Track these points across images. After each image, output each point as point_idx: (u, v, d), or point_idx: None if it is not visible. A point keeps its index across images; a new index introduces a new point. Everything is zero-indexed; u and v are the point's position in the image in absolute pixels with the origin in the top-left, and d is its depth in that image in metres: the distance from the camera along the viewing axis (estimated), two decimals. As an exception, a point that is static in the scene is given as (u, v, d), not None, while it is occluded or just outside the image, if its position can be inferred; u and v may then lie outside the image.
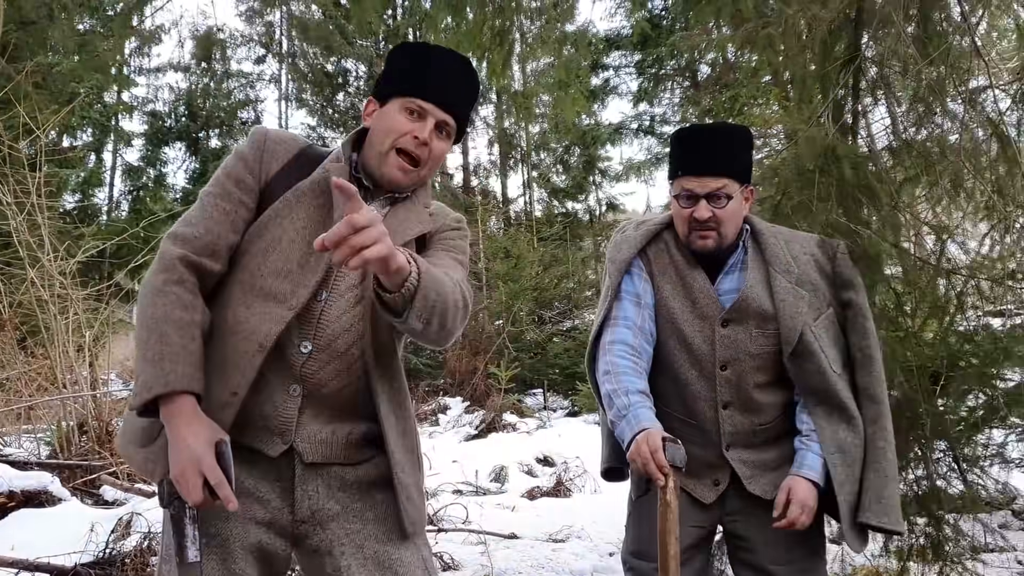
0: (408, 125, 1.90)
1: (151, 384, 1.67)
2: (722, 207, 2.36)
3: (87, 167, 23.34)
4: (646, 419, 2.23)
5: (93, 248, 8.13)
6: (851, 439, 2.35)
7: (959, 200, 3.66)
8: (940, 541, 3.68)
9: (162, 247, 1.82)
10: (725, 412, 2.43)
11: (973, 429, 4.12)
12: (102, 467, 6.30)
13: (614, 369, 2.36)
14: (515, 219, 27.06)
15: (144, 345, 1.71)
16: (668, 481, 2.13)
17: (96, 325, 7.58)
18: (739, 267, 2.47)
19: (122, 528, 4.70)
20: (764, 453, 2.46)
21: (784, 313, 2.37)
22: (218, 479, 1.65)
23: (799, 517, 2.30)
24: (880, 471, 2.34)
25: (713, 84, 22.02)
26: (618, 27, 25.70)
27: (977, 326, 3.87)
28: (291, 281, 1.84)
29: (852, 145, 3.20)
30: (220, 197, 1.88)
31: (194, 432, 1.66)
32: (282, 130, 2.02)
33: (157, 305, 1.74)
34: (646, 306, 2.48)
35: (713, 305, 2.43)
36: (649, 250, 2.55)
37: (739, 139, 2.45)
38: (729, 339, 2.41)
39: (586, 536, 5.80)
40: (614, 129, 26.96)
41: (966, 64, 3.40)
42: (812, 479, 2.34)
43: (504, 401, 11.61)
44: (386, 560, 1.86)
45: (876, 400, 2.41)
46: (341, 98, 28.30)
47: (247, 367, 1.80)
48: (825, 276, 2.48)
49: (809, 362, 2.36)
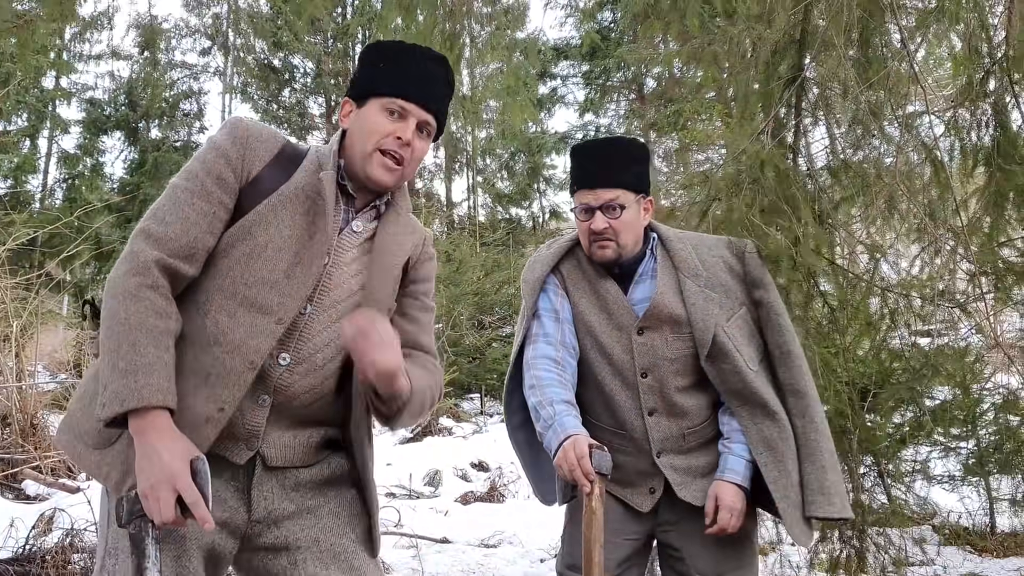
0: (390, 126, 1.86)
1: (124, 397, 1.58)
2: (616, 217, 2.42)
3: (21, 153, 22.74)
4: (571, 427, 2.25)
5: (24, 236, 7.92)
6: (777, 434, 2.38)
7: (893, 221, 3.75)
8: (863, 553, 3.77)
9: (133, 246, 1.72)
10: (651, 419, 2.46)
11: (899, 445, 4.23)
12: (25, 461, 6.15)
13: (538, 383, 2.39)
14: (458, 223, 27.05)
15: (114, 353, 1.62)
16: (594, 488, 2.15)
17: (24, 315, 7.39)
18: (650, 275, 2.51)
19: (43, 524, 4.60)
20: (694, 459, 2.49)
21: (695, 316, 2.42)
22: (195, 498, 1.57)
23: (729, 522, 2.34)
24: (816, 462, 2.38)
25: (658, 98, 22.32)
26: (567, 37, 25.91)
27: (907, 344, 3.98)
28: (278, 292, 1.78)
29: (780, 156, 3.26)
30: (198, 195, 1.78)
31: (168, 448, 1.59)
32: (259, 123, 1.92)
33: (130, 311, 1.64)
34: (565, 320, 2.52)
35: (628, 315, 2.48)
36: (562, 267, 2.60)
37: (631, 151, 2.52)
38: (646, 346, 2.45)
39: (518, 542, 5.81)
40: (560, 138, 27.14)
41: (904, 89, 3.50)
42: (736, 482, 2.38)
43: (440, 405, 11.57)
44: (341, 553, 1.87)
45: (800, 394, 2.46)
46: (287, 94, 28.01)
47: (236, 384, 1.74)
48: (736, 276, 2.54)
49: (725, 362, 2.41)
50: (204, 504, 1.58)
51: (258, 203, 1.81)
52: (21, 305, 7.48)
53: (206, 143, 1.85)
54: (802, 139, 3.68)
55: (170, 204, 1.77)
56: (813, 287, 3.57)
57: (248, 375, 1.75)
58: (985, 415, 4.46)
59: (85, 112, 25.93)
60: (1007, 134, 3.48)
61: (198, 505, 1.57)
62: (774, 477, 2.35)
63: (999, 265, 3.55)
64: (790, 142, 3.57)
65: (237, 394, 1.75)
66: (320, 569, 1.84)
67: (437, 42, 5.44)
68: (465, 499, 7.45)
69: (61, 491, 5.80)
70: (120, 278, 1.68)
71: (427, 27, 5.57)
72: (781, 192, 3.18)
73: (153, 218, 1.76)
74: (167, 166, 24.45)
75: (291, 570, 1.84)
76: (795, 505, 2.35)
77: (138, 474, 1.59)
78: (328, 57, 27.71)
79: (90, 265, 21.03)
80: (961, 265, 3.75)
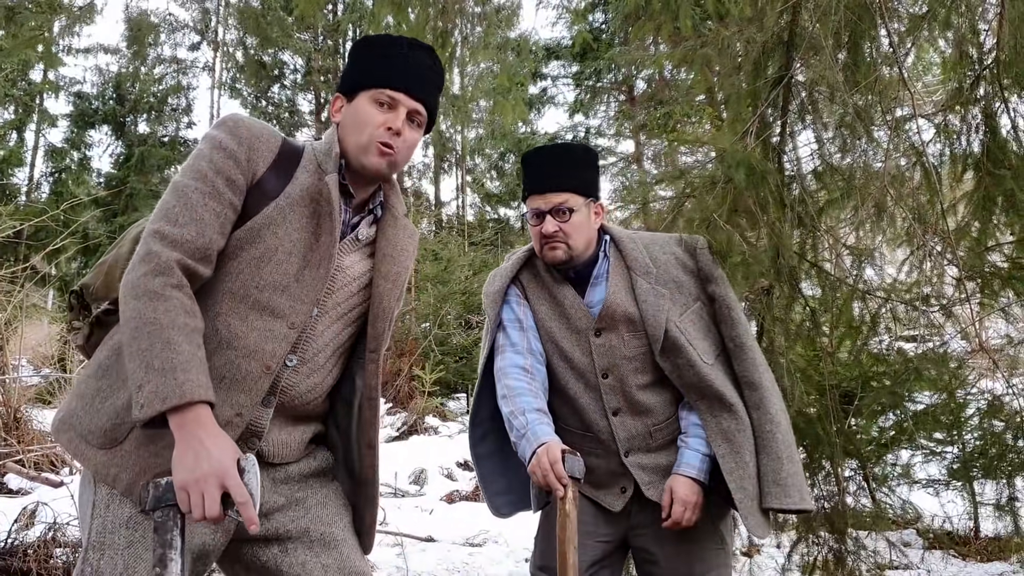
0: (380, 116, 1.88)
1: (165, 395, 1.55)
2: (566, 220, 2.48)
3: (7, 146, 22.63)
4: (544, 434, 2.29)
5: (9, 228, 7.87)
6: (734, 426, 2.41)
7: (881, 225, 3.76)
8: (843, 555, 3.78)
9: (151, 247, 1.68)
10: (616, 419, 2.50)
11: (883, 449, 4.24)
12: (8, 455, 6.11)
13: (510, 393, 2.43)
14: (447, 222, 27.06)
15: (147, 352, 1.59)
16: (567, 492, 2.18)
17: (8, 308, 7.34)
18: (604, 277, 2.56)
19: (26, 518, 4.58)
20: (662, 457, 2.51)
21: (647, 313, 2.46)
22: (245, 498, 1.54)
23: (683, 514, 2.36)
24: (772, 454, 2.40)
25: (648, 100, 22.34)
26: (558, 37, 25.89)
27: (890, 348, 3.99)
28: (289, 296, 1.81)
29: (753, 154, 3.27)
30: (210, 196, 1.75)
31: (218, 444, 1.57)
32: (256, 120, 1.89)
33: (159, 310, 1.61)
34: (529, 328, 2.57)
35: (584, 318, 2.52)
36: (522, 277, 2.66)
37: (579, 156, 2.58)
38: (604, 347, 2.50)
39: (503, 541, 5.81)
40: (550, 138, 27.14)
41: (893, 93, 3.50)
42: (691, 475, 2.41)
43: (427, 404, 11.57)
44: (331, 541, 1.91)
45: (755, 386, 2.48)
46: (276, 90, 27.95)
47: (254, 389, 1.78)
48: (689, 272, 2.58)
49: (679, 357, 2.44)
50: (253, 505, 1.55)
51: (263, 205, 1.81)
52: (6, 299, 7.44)
53: (207, 142, 1.82)
54: (788, 141, 3.68)
55: (182, 205, 1.73)
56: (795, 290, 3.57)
57: (265, 380, 1.79)
58: (970, 420, 4.48)
59: (73, 106, 25.84)
60: (996, 139, 3.49)
61: (248, 506, 1.55)
62: (730, 468, 2.38)
63: (986, 270, 3.57)
64: (775, 143, 3.57)
65: (255, 399, 1.78)
66: (310, 557, 1.87)
67: (429, 40, 5.44)
68: (450, 498, 7.44)
69: (44, 485, 5.78)
70: (141, 279, 1.65)
71: (419, 24, 5.58)
72: (754, 193, 3.19)
73: (166, 219, 1.72)
74: (153, 161, 24.41)
75: (281, 558, 1.87)
76: (751, 496, 2.36)
77: (177, 466, 1.55)
78: (318, 54, 27.66)
79: (76, 259, 20.94)
80: (949, 269, 3.76)
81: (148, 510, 1.57)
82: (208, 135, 1.84)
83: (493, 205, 28.83)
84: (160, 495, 1.56)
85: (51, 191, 24.28)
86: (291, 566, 1.86)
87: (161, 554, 1.53)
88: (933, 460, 4.98)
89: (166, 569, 1.52)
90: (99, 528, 1.71)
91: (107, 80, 26.35)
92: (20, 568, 4.07)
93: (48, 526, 4.32)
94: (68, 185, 24.02)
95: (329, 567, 1.88)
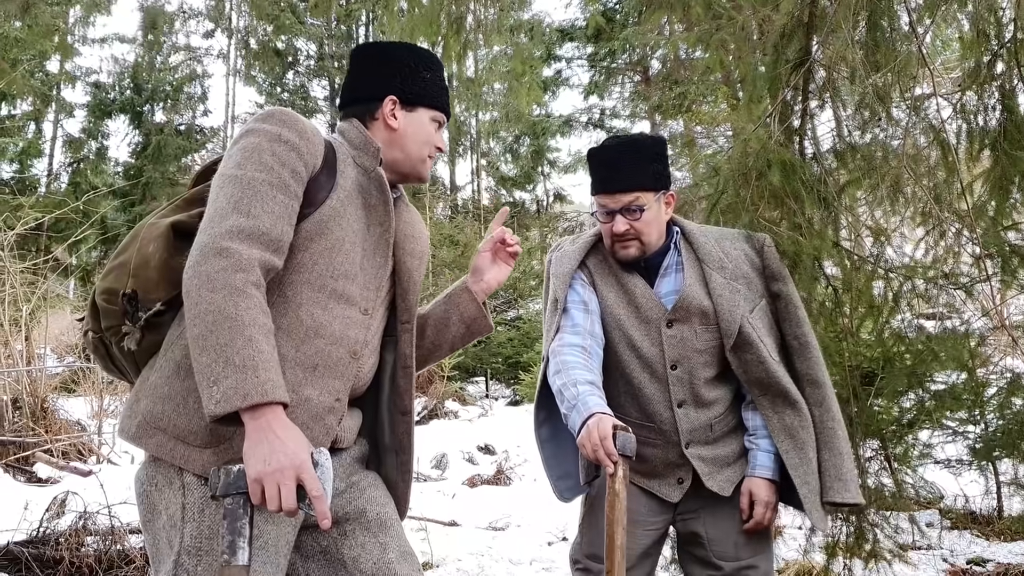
0: (436, 136, 2.10)
1: (246, 392, 1.55)
2: (637, 219, 2.45)
3: (26, 137, 22.75)
4: (595, 405, 2.24)
5: (32, 220, 7.94)
6: (798, 422, 2.44)
7: (898, 204, 3.75)
8: (863, 534, 3.78)
9: (227, 245, 1.66)
10: (680, 411, 2.49)
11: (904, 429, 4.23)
12: (36, 444, 6.19)
13: (563, 367, 2.39)
14: (462, 207, 27.04)
15: (227, 348, 1.58)
16: (617, 469, 2.13)
17: (33, 299, 7.42)
18: (675, 269, 2.55)
19: (57, 507, 4.64)
20: (719, 448, 2.53)
21: (722, 308, 2.45)
22: (320, 492, 1.56)
23: (765, 516, 2.43)
24: (834, 450, 2.45)
25: (664, 80, 22.22)
26: (572, 18, 25.77)
27: (911, 326, 3.98)
28: (357, 284, 1.91)
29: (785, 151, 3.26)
30: (278, 188, 1.76)
31: (293, 437, 1.58)
32: (299, 115, 1.93)
33: (240, 306, 1.61)
34: (594, 312, 2.54)
35: (656, 308, 2.50)
36: (588, 261, 2.62)
37: (648, 150, 2.52)
38: (676, 339, 2.48)
39: (526, 525, 5.85)
40: (564, 121, 27.09)
41: (912, 72, 3.48)
42: (768, 477, 2.45)
43: (446, 388, 11.62)
44: (386, 520, 1.97)
45: (818, 384, 2.51)
46: (291, 77, 27.96)
47: (345, 374, 1.89)
48: (756, 270, 2.58)
49: (749, 352, 2.45)
50: (326, 499, 1.57)
51: (323, 197, 1.86)
52: (30, 290, 7.51)
53: (262, 135, 1.82)
54: (808, 123, 3.67)
55: (252, 197, 1.73)
56: (817, 269, 3.57)
57: (353, 365, 1.90)
58: (992, 399, 4.46)
59: (90, 96, 25.93)
60: (1014, 118, 3.47)
61: (322, 499, 1.56)
62: (794, 464, 2.41)
63: (1004, 248, 3.55)
64: (796, 126, 3.57)
65: (348, 383, 1.90)
66: (368, 538, 1.92)
67: (443, 25, 5.42)
68: (472, 482, 7.48)
69: (73, 474, 5.85)
70: (220, 273, 1.63)
71: (432, 10, 5.56)
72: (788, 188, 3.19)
73: (238, 212, 1.71)
74: (170, 150, 24.49)
75: (341, 541, 1.91)
76: (815, 491, 2.40)
77: (251, 458, 1.55)
78: (331, 40, 27.64)
79: (96, 249, 21.09)
80: (966, 248, 3.75)
81: (219, 496, 1.57)
82: (258, 128, 1.83)
83: (508, 188, 28.76)
84: (231, 481, 1.56)
85: (70, 181, 24.41)
86: (351, 547, 1.90)
87: (231, 541, 1.53)
88: (955, 440, 4.97)
89: (234, 556, 1.52)
90: (194, 533, 1.70)
91: (123, 69, 26.42)
92: (52, 556, 4.13)
93: (79, 515, 4.38)
94: (86, 175, 24.13)
95: (387, 545, 1.93)
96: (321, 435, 1.84)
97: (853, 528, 3.82)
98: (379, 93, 2.04)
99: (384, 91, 2.04)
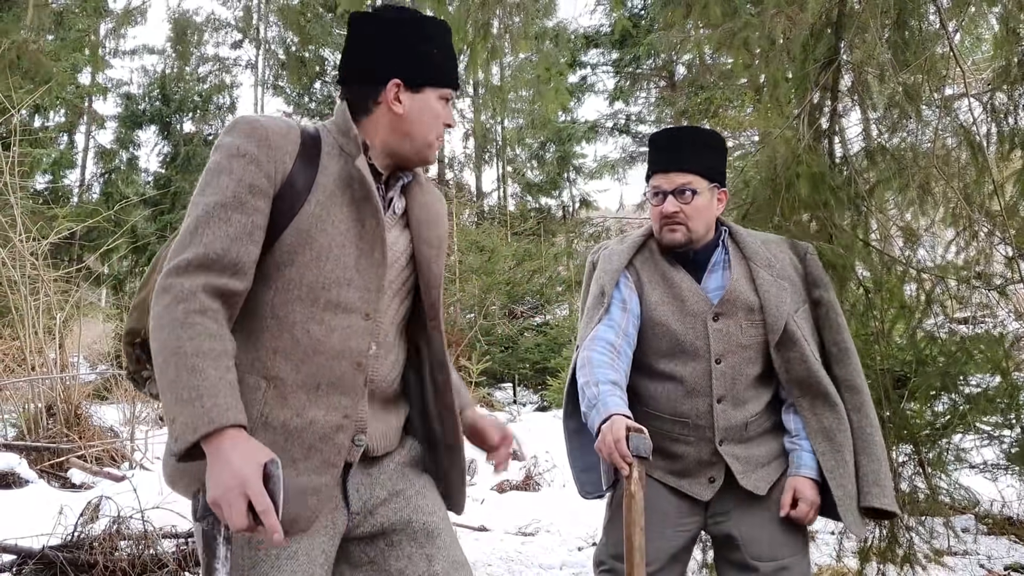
0: (444, 114, 1.92)
1: (195, 424, 1.52)
2: (688, 202, 2.45)
3: (58, 148, 23.08)
4: (613, 405, 2.24)
5: (65, 229, 8.06)
6: (835, 425, 2.44)
7: (927, 206, 3.72)
8: (897, 539, 3.75)
9: (170, 281, 1.63)
10: (719, 406, 2.48)
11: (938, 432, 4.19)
12: (70, 450, 6.27)
13: (589, 363, 2.40)
14: (488, 213, 27.09)
15: (175, 383, 1.55)
16: (632, 471, 2.14)
17: (66, 307, 7.52)
18: (722, 266, 2.55)
19: (90, 511, 4.69)
20: (754, 448, 2.52)
21: (769, 303, 2.46)
22: (265, 506, 1.49)
23: (808, 514, 2.42)
24: (873, 456, 2.44)
25: (689, 85, 22.15)
26: (597, 24, 25.75)
27: (942, 329, 3.94)
28: (355, 288, 1.80)
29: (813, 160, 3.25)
30: (233, 209, 1.69)
31: (240, 453, 1.52)
32: (269, 116, 1.86)
33: (182, 338, 1.57)
34: (631, 311, 2.53)
35: (703, 302, 2.50)
36: (636, 261, 2.62)
37: (706, 139, 2.56)
38: (722, 332, 2.48)
39: (555, 530, 5.84)
40: (590, 127, 27.05)
41: (943, 71, 3.46)
42: (812, 477, 2.44)
43: (474, 394, 11.63)
44: (433, 530, 1.90)
45: (857, 390, 2.51)
46: (318, 86, 28.15)
47: (353, 387, 1.80)
48: (799, 275, 2.59)
49: (792, 351, 2.45)
50: (274, 513, 1.50)
51: (300, 202, 1.76)
52: (63, 298, 7.62)
53: (223, 151, 1.75)
54: (837, 123, 3.65)
55: (205, 225, 1.68)
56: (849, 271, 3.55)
57: (359, 377, 1.80)
58: (1027, 402, 4.40)
59: (122, 107, 26.27)
60: (1046, 117, 3.44)
61: (268, 514, 1.49)
62: (831, 467, 2.41)
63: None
64: (825, 128, 3.55)
65: (357, 396, 1.80)
66: (415, 549, 1.87)
67: (470, 33, 5.45)
68: (501, 488, 7.48)
69: (106, 479, 5.91)
70: (164, 310, 1.61)
71: (459, 17, 5.58)
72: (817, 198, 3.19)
73: (190, 245, 1.67)
74: (199, 159, 24.72)
75: (388, 551, 1.87)
76: (851, 495, 2.40)
77: (209, 482, 1.53)
78: (358, 49, 27.75)
79: (128, 258, 21.35)
80: (999, 248, 3.71)
81: (198, 519, 1.59)
82: (220, 144, 1.78)
83: (534, 195, 28.77)
84: (204, 505, 1.57)
85: (101, 191, 24.73)
86: (398, 558, 1.86)
87: (207, 563, 1.56)
88: (991, 444, 4.90)
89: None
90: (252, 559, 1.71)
91: (153, 80, 26.74)
92: (87, 560, 4.17)
93: (112, 520, 4.42)
94: (118, 185, 24.44)
95: (434, 557, 1.87)
96: (332, 455, 1.77)
97: (886, 533, 3.78)
98: (382, 76, 1.87)
99: (387, 74, 1.87)
